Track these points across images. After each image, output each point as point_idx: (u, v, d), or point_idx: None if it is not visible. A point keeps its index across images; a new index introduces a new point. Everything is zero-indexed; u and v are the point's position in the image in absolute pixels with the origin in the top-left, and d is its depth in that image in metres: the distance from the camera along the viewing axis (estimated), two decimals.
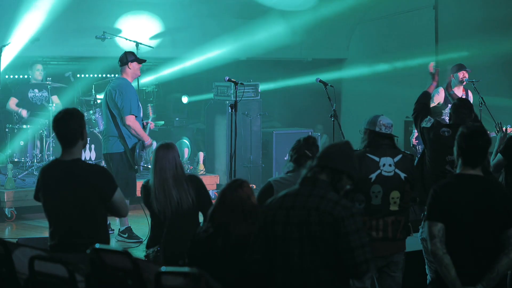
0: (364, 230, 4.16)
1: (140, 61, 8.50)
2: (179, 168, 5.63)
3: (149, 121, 8.91)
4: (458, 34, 12.27)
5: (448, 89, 6.69)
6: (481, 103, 9.11)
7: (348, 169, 4.22)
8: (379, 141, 5.65)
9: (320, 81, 8.96)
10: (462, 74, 8.98)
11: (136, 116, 8.31)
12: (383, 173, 5.58)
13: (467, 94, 9.64)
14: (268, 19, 12.67)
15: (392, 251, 5.59)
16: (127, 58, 8.40)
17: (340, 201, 4.12)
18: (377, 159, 5.59)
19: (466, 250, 4.44)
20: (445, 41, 12.51)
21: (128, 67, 8.38)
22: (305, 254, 4.07)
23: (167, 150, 5.66)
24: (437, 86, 6.61)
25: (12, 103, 10.79)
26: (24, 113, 10.65)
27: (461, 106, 6.31)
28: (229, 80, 8.36)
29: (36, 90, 10.88)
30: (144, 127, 8.57)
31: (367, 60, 13.63)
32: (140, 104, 8.49)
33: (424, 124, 6.21)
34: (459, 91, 9.07)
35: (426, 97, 6.55)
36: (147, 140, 8.40)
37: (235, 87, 8.39)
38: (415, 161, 6.26)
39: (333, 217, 4.03)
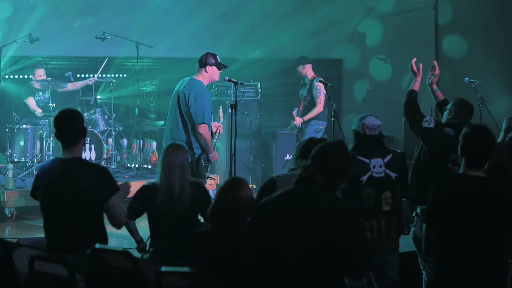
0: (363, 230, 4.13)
1: (221, 66, 7.90)
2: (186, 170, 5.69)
3: (221, 124, 8.36)
4: (458, 34, 12.26)
5: (433, 86, 6.59)
6: (481, 102, 9.11)
7: (344, 168, 4.15)
8: (366, 142, 5.63)
9: (320, 81, 8.97)
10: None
11: (208, 125, 7.76)
12: (374, 174, 5.55)
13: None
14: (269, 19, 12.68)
15: (386, 250, 5.58)
16: (207, 60, 7.83)
17: (339, 201, 4.10)
18: (367, 161, 5.56)
19: (467, 252, 4.43)
20: (444, 40, 12.51)
21: (206, 70, 7.84)
22: (301, 253, 4.00)
23: (177, 150, 5.73)
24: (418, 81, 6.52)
25: (32, 102, 10.76)
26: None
27: (464, 105, 6.26)
28: (229, 80, 8.32)
29: (40, 93, 10.87)
30: (213, 133, 8.05)
31: (367, 60, 13.63)
32: (212, 112, 7.91)
33: (426, 125, 6.15)
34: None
35: (415, 97, 6.45)
36: (212, 152, 7.86)
37: (235, 87, 8.36)
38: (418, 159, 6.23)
39: (333, 216, 3.99)
